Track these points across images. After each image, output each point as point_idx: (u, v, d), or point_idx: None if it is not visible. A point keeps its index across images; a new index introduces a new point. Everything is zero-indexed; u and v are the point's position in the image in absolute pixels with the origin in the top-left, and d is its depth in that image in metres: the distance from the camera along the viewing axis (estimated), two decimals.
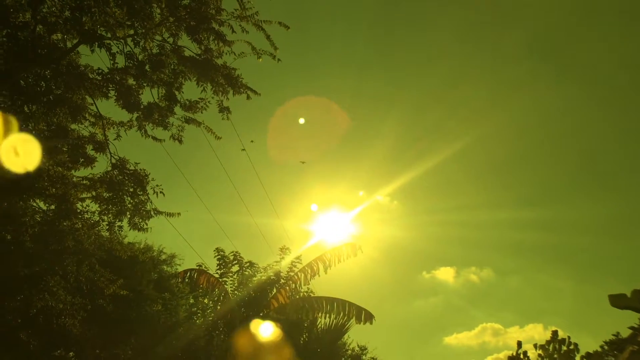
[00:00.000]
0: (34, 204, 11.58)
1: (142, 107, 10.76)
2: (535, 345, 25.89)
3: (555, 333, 24.83)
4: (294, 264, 15.61)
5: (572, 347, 24.48)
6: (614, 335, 29.52)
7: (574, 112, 53.81)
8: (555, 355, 24.37)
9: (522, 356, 24.93)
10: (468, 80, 53.71)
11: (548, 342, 25.03)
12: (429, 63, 51.32)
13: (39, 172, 10.19)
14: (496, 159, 56.74)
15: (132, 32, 10.04)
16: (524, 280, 55.12)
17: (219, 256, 15.99)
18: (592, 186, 58.75)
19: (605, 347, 29.29)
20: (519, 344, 25.45)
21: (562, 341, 24.65)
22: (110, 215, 11.49)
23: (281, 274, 15.68)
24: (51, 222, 11.41)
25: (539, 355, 24.99)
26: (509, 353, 25.84)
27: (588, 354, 25.14)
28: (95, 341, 16.10)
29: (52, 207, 11.59)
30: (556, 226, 54.95)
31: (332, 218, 26.79)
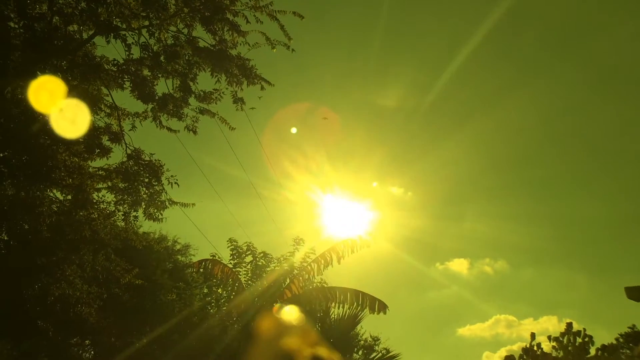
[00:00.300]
0: (51, 194, 11.69)
1: (157, 98, 10.80)
2: (549, 337, 25.77)
3: (569, 325, 24.68)
4: (307, 254, 15.63)
5: (586, 339, 24.34)
6: (629, 327, 29.37)
7: (584, 107, 53.01)
8: (570, 347, 24.25)
9: (535, 348, 24.84)
10: (483, 71, 53.09)
11: (562, 334, 24.91)
12: (446, 51, 50.63)
13: (55, 163, 10.31)
14: (512, 151, 56.14)
15: (147, 23, 10.08)
16: (538, 272, 54.69)
17: (232, 246, 16.07)
18: (609, 180, 58.00)
19: (621, 340, 29.13)
20: (533, 335, 25.34)
21: (577, 333, 24.52)
22: (125, 206, 11.58)
23: (294, 265, 15.72)
24: (68, 212, 11.52)
25: (553, 347, 24.89)
26: (523, 345, 25.76)
27: (603, 346, 24.97)
28: (110, 329, 16.30)
29: (69, 197, 11.69)
30: (572, 219, 54.45)
31: (345, 209, 26.78)
